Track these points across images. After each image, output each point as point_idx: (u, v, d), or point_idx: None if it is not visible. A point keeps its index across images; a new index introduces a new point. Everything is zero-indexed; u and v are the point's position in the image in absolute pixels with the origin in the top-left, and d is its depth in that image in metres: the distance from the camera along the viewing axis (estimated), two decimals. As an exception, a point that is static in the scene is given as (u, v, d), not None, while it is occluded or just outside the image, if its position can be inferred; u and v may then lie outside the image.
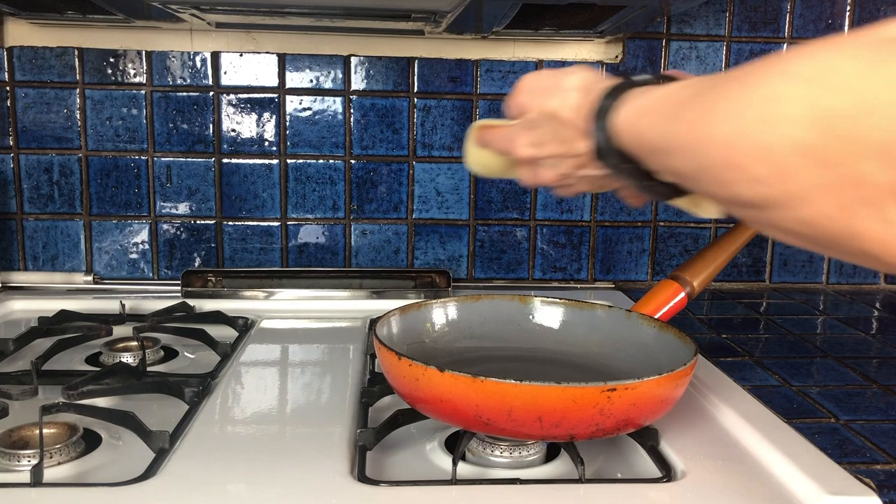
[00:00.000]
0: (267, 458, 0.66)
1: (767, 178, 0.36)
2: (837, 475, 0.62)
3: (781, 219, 0.37)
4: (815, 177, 0.34)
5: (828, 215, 0.35)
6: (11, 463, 0.64)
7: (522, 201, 1.23)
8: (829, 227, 0.35)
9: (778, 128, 0.35)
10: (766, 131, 0.35)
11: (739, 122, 0.37)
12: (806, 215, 0.36)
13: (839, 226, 0.35)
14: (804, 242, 0.38)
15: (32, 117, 1.15)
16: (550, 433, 0.61)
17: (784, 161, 0.35)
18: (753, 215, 0.39)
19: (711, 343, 0.98)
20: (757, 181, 0.37)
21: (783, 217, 0.37)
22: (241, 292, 1.16)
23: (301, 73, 1.17)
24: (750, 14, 1.20)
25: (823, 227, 0.35)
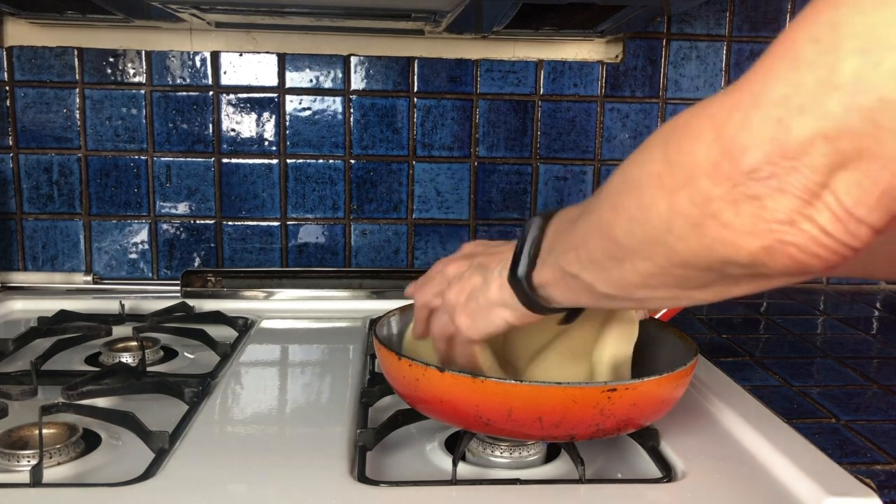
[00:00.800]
0: (267, 458, 0.65)
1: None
2: (838, 475, 0.62)
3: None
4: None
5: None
6: (11, 463, 0.64)
7: (522, 201, 1.23)
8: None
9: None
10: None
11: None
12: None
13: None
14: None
15: (32, 117, 1.15)
16: (550, 433, 0.61)
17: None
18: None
19: (712, 343, 0.98)
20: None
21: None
22: (241, 292, 1.16)
23: (301, 72, 1.17)
24: (750, 14, 1.20)
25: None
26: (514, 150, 1.21)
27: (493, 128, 1.20)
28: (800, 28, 0.32)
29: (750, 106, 0.34)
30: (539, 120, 1.20)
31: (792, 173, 0.32)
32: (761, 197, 0.33)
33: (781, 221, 0.34)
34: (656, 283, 0.43)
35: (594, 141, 1.21)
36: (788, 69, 0.32)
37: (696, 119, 0.37)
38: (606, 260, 0.45)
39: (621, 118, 1.21)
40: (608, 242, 0.44)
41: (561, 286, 0.53)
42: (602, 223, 0.45)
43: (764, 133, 0.33)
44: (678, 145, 0.37)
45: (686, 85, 1.21)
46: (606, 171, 1.22)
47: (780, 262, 0.35)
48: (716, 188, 0.35)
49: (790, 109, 0.32)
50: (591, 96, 1.20)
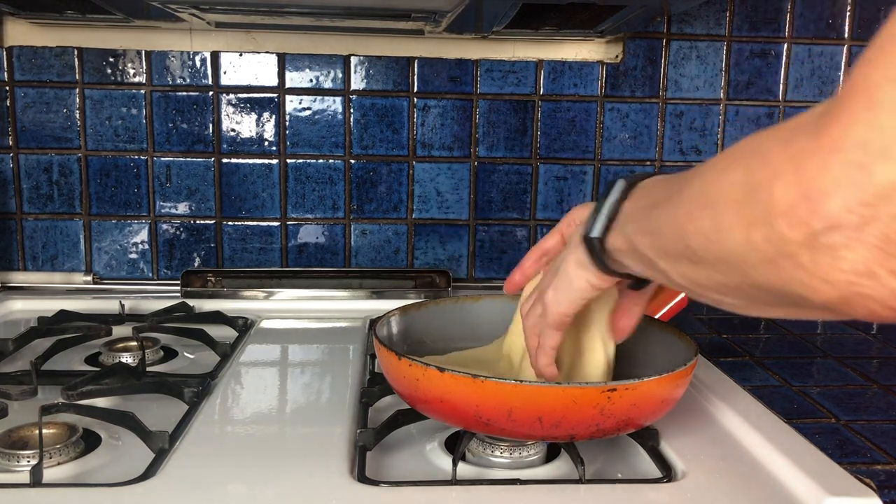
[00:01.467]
0: (267, 458, 0.65)
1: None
2: (838, 475, 0.62)
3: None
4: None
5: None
6: (11, 463, 0.64)
7: (522, 201, 1.23)
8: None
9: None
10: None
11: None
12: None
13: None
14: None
15: (32, 117, 1.15)
16: (550, 433, 0.61)
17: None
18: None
19: (712, 343, 0.98)
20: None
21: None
22: (241, 292, 1.16)
23: (301, 72, 1.17)
24: (750, 14, 1.20)
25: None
26: (514, 150, 1.21)
27: (493, 128, 1.20)
28: (873, 66, 0.31)
29: (830, 149, 0.32)
30: (539, 120, 1.20)
31: (872, 222, 0.31)
32: (838, 247, 0.32)
33: (860, 273, 0.32)
34: (729, 293, 0.43)
35: (594, 141, 1.21)
36: (867, 111, 0.31)
37: (777, 155, 0.35)
38: (682, 259, 0.45)
39: (621, 118, 1.21)
40: (684, 247, 0.44)
41: (634, 258, 0.52)
42: (678, 227, 0.44)
43: (844, 179, 0.31)
44: (760, 177, 0.36)
45: (686, 85, 1.21)
46: (606, 171, 1.22)
47: (857, 312, 0.34)
48: (792, 232, 0.34)
49: (870, 153, 0.31)
50: (591, 96, 1.20)
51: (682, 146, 1.22)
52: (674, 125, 1.22)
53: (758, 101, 1.22)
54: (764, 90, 1.22)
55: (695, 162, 1.23)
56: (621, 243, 0.53)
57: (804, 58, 1.21)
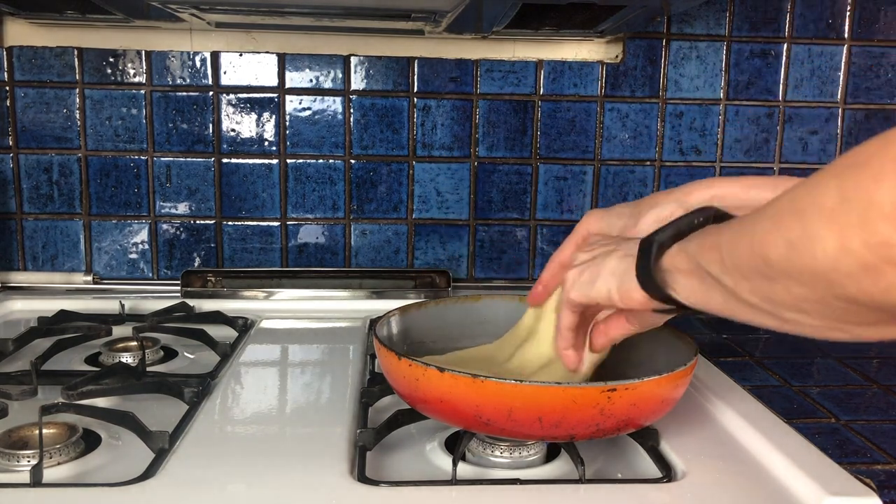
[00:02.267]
0: (267, 458, 0.65)
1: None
2: (838, 475, 0.62)
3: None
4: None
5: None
6: (11, 463, 0.64)
7: (522, 201, 1.23)
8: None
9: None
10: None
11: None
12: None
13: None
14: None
15: (32, 117, 1.15)
16: (550, 433, 0.61)
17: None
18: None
19: (712, 343, 0.98)
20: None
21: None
22: (241, 292, 1.16)
23: (301, 72, 1.17)
24: (750, 14, 1.20)
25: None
26: (514, 150, 1.21)
27: (493, 128, 1.20)
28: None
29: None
30: (539, 120, 1.20)
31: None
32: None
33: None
34: (811, 310, 0.40)
35: (594, 141, 1.21)
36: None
37: (879, 159, 0.34)
38: (754, 273, 0.43)
39: (621, 118, 1.21)
40: (758, 260, 0.41)
41: (694, 280, 0.50)
42: (756, 236, 0.42)
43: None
44: (856, 182, 0.35)
45: (686, 85, 1.21)
46: (606, 171, 1.22)
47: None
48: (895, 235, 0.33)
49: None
50: (591, 96, 1.20)
51: (682, 146, 1.22)
52: (674, 125, 1.22)
53: (758, 102, 1.22)
54: (764, 90, 1.22)
55: (695, 162, 1.23)
56: (683, 261, 0.51)
57: (804, 58, 1.21)
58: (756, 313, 0.45)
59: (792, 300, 0.40)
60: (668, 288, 0.52)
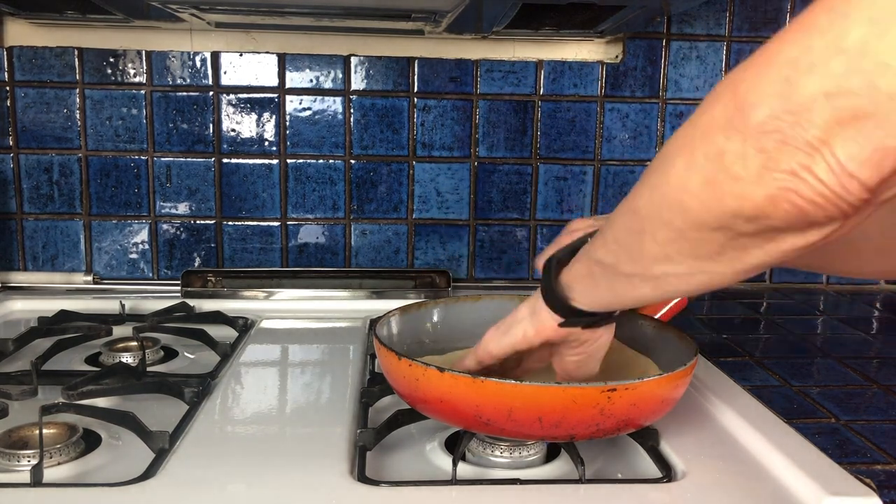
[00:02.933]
0: (267, 458, 0.66)
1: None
2: (838, 475, 0.62)
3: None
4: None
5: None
6: (11, 463, 0.64)
7: (522, 201, 1.23)
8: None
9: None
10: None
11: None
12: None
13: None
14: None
15: (32, 117, 1.15)
16: (550, 433, 0.61)
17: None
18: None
19: (712, 343, 0.98)
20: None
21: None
22: (241, 292, 1.16)
23: (301, 72, 1.17)
24: (750, 14, 1.20)
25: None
26: (514, 150, 1.21)
27: (493, 128, 1.20)
28: (818, 1, 0.35)
29: (762, 66, 0.37)
30: (539, 120, 1.20)
31: (795, 128, 0.35)
32: (767, 150, 0.36)
33: (784, 171, 0.36)
34: (672, 252, 0.45)
35: (594, 141, 1.21)
36: (801, 34, 0.35)
37: (720, 85, 0.40)
38: (628, 235, 0.48)
39: (621, 118, 1.21)
40: (630, 216, 0.47)
41: (586, 279, 0.56)
42: (628, 200, 0.48)
43: (772, 89, 0.36)
44: (701, 109, 0.40)
45: (686, 85, 1.21)
46: (606, 171, 1.22)
47: (781, 209, 0.37)
48: (728, 142, 0.38)
49: (798, 69, 0.35)
50: (591, 96, 1.20)
51: (682, 146, 1.22)
52: (674, 125, 1.22)
53: (758, 101, 1.22)
54: (764, 90, 1.22)
55: (695, 162, 1.23)
56: (578, 267, 0.57)
57: (804, 58, 1.21)
58: (633, 284, 0.51)
59: (658, 248, 0.46)
60: (568, 300, 0.59)
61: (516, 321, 0.64)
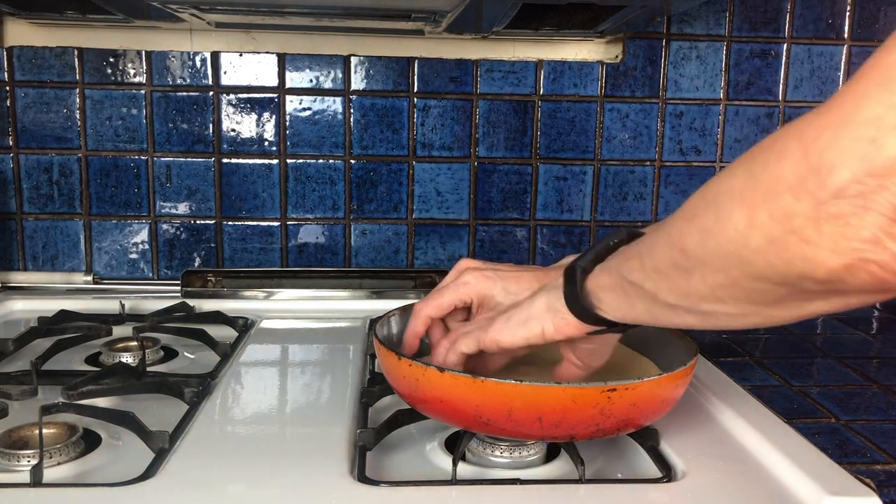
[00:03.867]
0: (267, 458, 0.66)
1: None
2: (838, 475, 0.62)
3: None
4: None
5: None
6: (11, 463, 0.64)
7: (522, 201, 1.23)
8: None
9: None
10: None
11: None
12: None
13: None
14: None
15: (32, 117, 1.15)
16: (550, 433, 0.61)
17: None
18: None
19: (712, 343, 0.98)
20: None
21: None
22: (241, 292, 1.16)
23: (301, 72, 1.17)
24: (750, 14, 1.20)
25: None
26: (514, 150, 1.21)
27: (493, 128, 1.20)
28: (891, 53, 0.33)
29: (840, 125, 0.34)
30: (539, 120, 1.20)
31: (880, 192, 0.33)
32: (846, 216, 0.34)
33: (865, 240, 0.34)
34: (725, 296, 0.43)
35: (594, 141, 1.21)
36: (882, 91, 0.33)
37: (783, 140, 0.37)
38: (672, 270, 0.45)
39: (621, 118, 1.21)
40: (677, 252, 0.44)
41: (617, 292, 0.53)
42: (673, 233, 0.45)
43: (854, 151, 0.33)
44: (764, 163, 0.37)
45: (686, 85, 1.21)
46: (606, 171, 1.22)
47: (859, 279, 0.35)
48: (799, 204, 0.35)
49: (882, 129, 0.32)
50: (591, 96, 1.20)
51: (682, 146, 1.22)
52: (674, 125, 1.22)
53: (758, 102, 1.22)
54: (764, 90, 1.22)
55: (695, 162, 1.23)
56: (605, 279, 0.54)
57: (804, 58, 1.21)
58: (677, 313, 0.48)
59: (708, 290, 0.43)
60: (595, 308, 0.56)
61: (533, 316, 0.61)
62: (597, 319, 0.57)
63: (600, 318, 0.56)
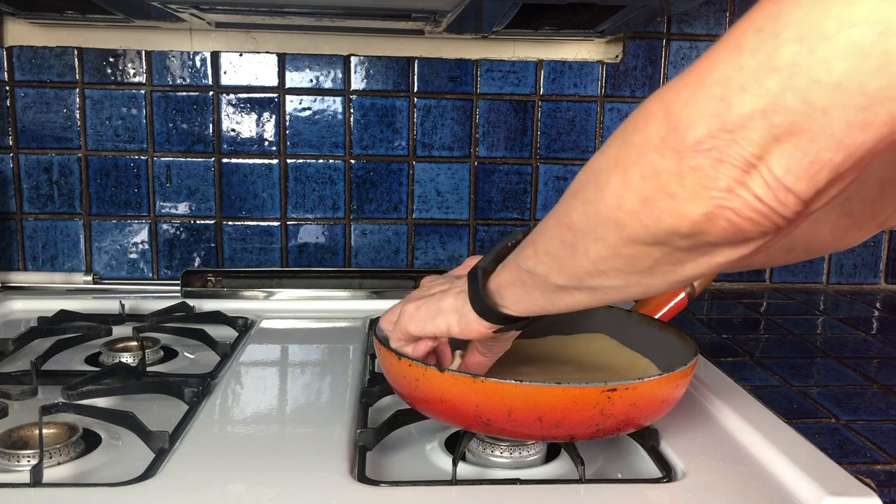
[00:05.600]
0: (267, 458, 0.65)
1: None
2: (838, 475, 0.62)
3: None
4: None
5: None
6: (11, 463, 0.64)
7: (522, 201, 1.23)
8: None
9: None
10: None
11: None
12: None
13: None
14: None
15: (32, 117, 1.15)
16: (550, 433, 0.61)
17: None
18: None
19: (712, 343, 0.98)
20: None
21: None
22: (241, 292, 1.16)
23: (301, 72, 1.17)
24: (750, 14, 1.20)
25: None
26: (514, 150, 1.21)
27: (493, 128, 1.20)
28: (745, 21, 0.36)
29: (696, 85, 0.37)
30: (539, 120, 1.20)
31: (731, 145, 0.36)
32: (703, 167, 0.37)
33: (721, 189, 0.37)
34: (607, 268, 0.45)
35: (594, 141, 1.21)
36: (732, 54, 0.36)
37: (649, 104, 0.40)
38: (561, 248, 0.48)
39: (621, 118, 1.21)
40: (564, 229, 0.47)
41: (517, 286, 0.55)
42: (560, 212, 0.48)
43: (707, 108, 0.36)
44: (634, 128, 0.40)
45: (686, 85, 1.21)
46: (606, 171, 1.22)
47: (718, 227, 0.38)
48: (664, 161, 0.38)
49: (732, 88, 0.35)
50: (591, 96, 1.20)
51: (682, 146, 1.22)
52: (674, 125, 1.22)
53: (758, 101, 1.22)
54: (764, 90, 1.22)
55: (695, 162, 1.23)
56: (505, 276, 0.56)
57: (804, 58, 1.21)
58: (569, 293, 0.51)
59: (591, 264, 0.46)
60: (498, 307, 0.58)
61: (441, 312, 0.62)
62: (500, 317, 0.59)
63: (503, 315, 0.58)
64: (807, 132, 0.34)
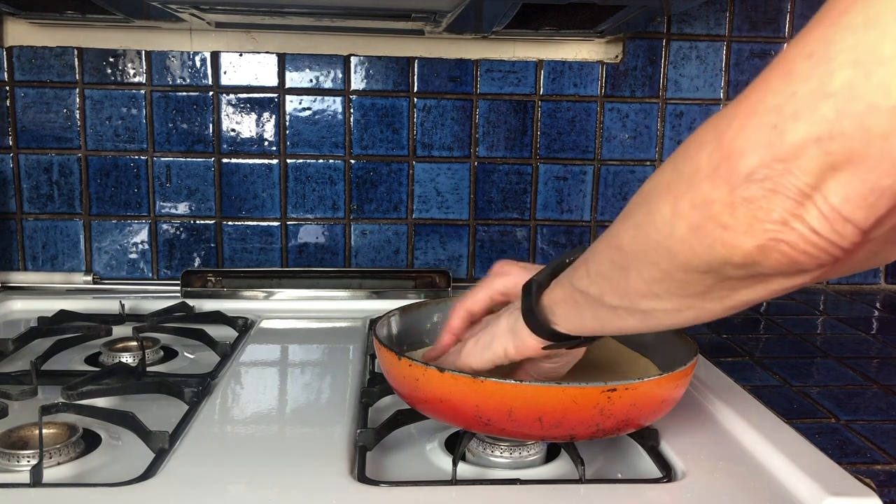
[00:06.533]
0: (267, 458, 0.65)
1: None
2: (838, 475, 0.62)
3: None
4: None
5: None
6: (11, 463, 0.64)
7: (522, 201, 1.23)
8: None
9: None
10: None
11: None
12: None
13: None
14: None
15: (32, 117, 1.15)
16: (550, 433, 0.61)
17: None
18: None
19: (712, 343, 0.98)
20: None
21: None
22: (241, 292, 1.16)
23: (301, 72, 1.17)
24: (750, 14, 1.20)
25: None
26: (514, 150, 1.21)
27: (493, 128, 1.20)
28: (794, 47, 0.35)
29: (747, 114, 0.36)
30: (539, 120, 1.20)
31: (785, 175, 0.35)
32: (756, 199, 0.36)
33: (774, 221, 0.36)
34: (661, 291, 0.45)
35: (594, 141, 1.21)
36: (783, 81, 0.35)
37: (702, 132, 0.39)
38: (613, 270, 0.48)
39: (621, 118, 1.21)
40: (615, 252, 0.47)
41: (568, 303, 0.55)
42: (612, 234, 0.48)
43: (759, 138, 0.35)
44: (685, 156, 0.40)
45: (686, 85, 1.21)
46: (606, 171, 1.22)
47: (772, 259, 0.37)
48: (716, 191, 0.37)
49: (784, 116, 0.34)
50: (591, 96, 1.20)
51: (682, 146, 1.22)
52: (674, 125, 1.22)
53: (758, 101, 1.22)
54: (764, 90, 1.22)
55: (695, 162, 1.23)
56: (559, 293, 0.56)
57: (804, 58, 1.21)
58: (619, 315, 0.50)
59: (645, 286, 0.45)
60: (550, 323, 0.58)
61: (496, 337, 0.63)
62: (551, 334, 0.59)
63: (554, 331, 0.58)
64: (865, 159, 0.33)
